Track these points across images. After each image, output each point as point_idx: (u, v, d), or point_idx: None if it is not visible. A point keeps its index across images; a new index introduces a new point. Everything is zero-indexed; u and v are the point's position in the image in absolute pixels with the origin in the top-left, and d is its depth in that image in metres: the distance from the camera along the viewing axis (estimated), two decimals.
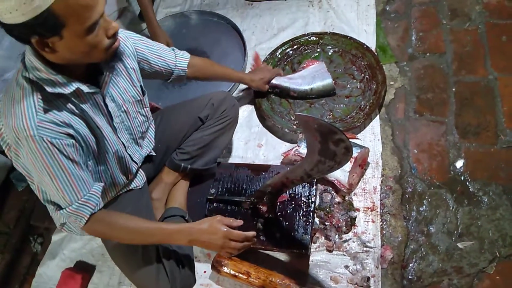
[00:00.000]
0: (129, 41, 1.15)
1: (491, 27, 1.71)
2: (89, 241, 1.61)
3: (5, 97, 0.92)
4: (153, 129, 1.35)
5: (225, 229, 1.07)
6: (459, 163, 1.45)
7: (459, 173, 1.43)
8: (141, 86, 1.18)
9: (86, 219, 0.99)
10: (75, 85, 0.92)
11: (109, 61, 1.01)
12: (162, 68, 1.26)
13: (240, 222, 1.11)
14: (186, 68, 1.31)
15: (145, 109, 1.21)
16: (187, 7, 2.32)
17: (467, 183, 1.40)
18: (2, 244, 1.76)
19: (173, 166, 1.41)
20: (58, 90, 0.89)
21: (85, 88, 0.95)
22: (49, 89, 0.88)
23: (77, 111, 0.96)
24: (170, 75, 1.30)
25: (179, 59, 1.30)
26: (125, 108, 1.11)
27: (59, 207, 0.98)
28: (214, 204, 1.47)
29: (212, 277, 1.41)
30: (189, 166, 1.41)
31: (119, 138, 1.12)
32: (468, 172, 1.42)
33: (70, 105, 0.94)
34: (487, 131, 1.48)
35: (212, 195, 1.47)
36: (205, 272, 1.42)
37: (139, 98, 1.17)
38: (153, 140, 1.34)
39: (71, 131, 0.93)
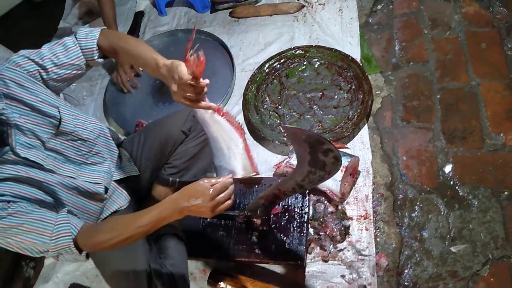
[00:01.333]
0: (18, 71, 1.00)
1: (471, 35, 1.77)
2: (82, 263, 1.59)
3: None
4: (110, 139, 1.30)
5: (207, 183, 0.95)
6: (448, 168, 1.47)
7: (448, 178, 1.45)
8: (58, 110, 1.08)
9: (73, 246, 0.97)
10: None
11: None
12: (72, 63, 1.09)
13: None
14: (94, 48, 1.10)
15: (72, 134, 1.12)
16: (174, 26, 2.35)
17: (457, 187, 1.43)
18: None
19: (162, 182, 1.42)
20: None
21: None
22: None
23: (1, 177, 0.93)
24: (85, 63, 1.13)
25: (84, 41, 1.10)
26: (48, 146, 1.05)
27: (46, 252, 0.98)
28: (208, 219, 1.47)
29: None
30: (177, 179, 1.41)
31: (61, 174, 1.07)
32: (457, 177, 1.45)
33: None
34: (473, 136, 1.52)
35: None
36: None
37: (57, 126, 1.07)
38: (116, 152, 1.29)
39: (4, 198, 0.91)
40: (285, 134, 1.65)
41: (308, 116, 1.71)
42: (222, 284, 1.32)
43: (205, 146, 1.40)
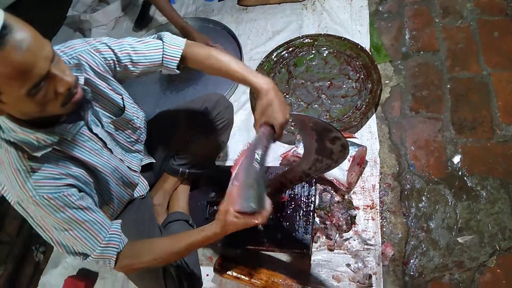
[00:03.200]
0: (96, 56, 1.01)
1: (483, 24, 1.73)
2: None
3: None
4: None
5: (230, 218, 0.90)
6: (456, 159, 1.46)
7: (457, 169, 1.44)
8: (122, 98, 1.10)
9: (114, 259, 0.95)
10: (56, 137, 0.87)
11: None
12: (149, 65, 1.10)
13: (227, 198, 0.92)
14: (176, 58, 1.10)
15: (130, 123, 1.14)
16: (182, 14, 2.34)
17: (465, 178, 1.41)
18: (5, 255, 1.77)
19: (172, 171, 1.42)
20: (41, 152, 0.84)
21: (68, 135, 0.90)
22: (31, 152, 0.83)
23: (68, 155, 0.92)
24: (160, 69, 1.15)
25: (169, 47, 1.10)
26: (110, 128, 1.07)
27: (85, 255, 0.94)
28: (215, 207, 1.48)
29: (215, 280, 1.41)
30: (187, 170, 1.42)
31: (115, 156, 1.09)
32: (466, 167, 1.43)
33: (59, 153, 0.89)
34: (483, 126, 1.50)
35: (212, 198, 1.48)
36: (207, 275, 1.42)
37: (119, 115, 1.10)
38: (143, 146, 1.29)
39: (69, 181, 0.89)
40: (293, 123, 1.65)
41: (316, 106, 1.70)
42: (228, 271, 1.34)
43: (215, 138, 1.40)
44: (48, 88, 0.76)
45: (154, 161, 1.35)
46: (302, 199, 1.42)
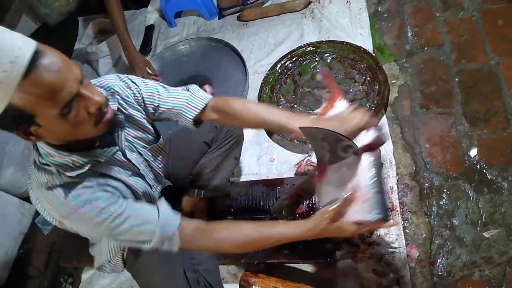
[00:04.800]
0: (127, 91, 1.05)
1: (485, 13, 1.72)
2: (118, 276, 1.64)
3: (33, 186, 0.91)
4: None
5: (326, 222, 0.90)
6: (473, 152, 1.44)
7: (475, 162, 1.42)
8: (153, 127, 1.14)
9: (177, 235, 0.96)
10: (90, 160, 0.91)
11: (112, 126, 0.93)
12: (173, 111, 1.11)
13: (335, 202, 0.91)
14: (198, 109, 1.11)
15: (164, 149, 1.19)
16: (184, 35, 2.39)
17: (484, 170, 1.39)
18: None
19: (188, 193, 1.44)
20: (76, 172, 0.88)
21: (102, 158, 0.94)
22: (68, 173, 0.87)
23: (102, 173, 0.96)
24: (177, 117, 1.14)
25: (195, 99, 1.11)
26: (147, 156, 1.11)
27: (148, 241, 0.95)
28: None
29: None
30: (203, 190, 1.43)
31: (147, 181, 1.12)
32: (484, 160, 1.41)
33: (94, 172, 0.93)
34: (496, 116, 1.47)
35: (230, 216, 1.49)
36: None
37: (154, 142, 1.13)
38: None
39: (107, 188, 0.93)
40: (303, 136, 1.65)
41: None
42: (253, 286, 1.33)
43: (227, 156, 1.42)
44: (79, 108, 0.80)
45: (171, 184, 1.37)
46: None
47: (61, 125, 0.79)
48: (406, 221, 1.38)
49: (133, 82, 1.08)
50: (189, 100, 1.11)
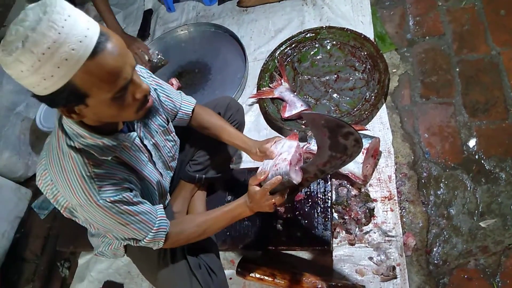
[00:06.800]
0: (147, 76, 1.12)
1: (488, 3, 1.70)
2: (115, 260, 1.64)
3: (52, 167, 0.90)
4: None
5: (257, 189, 1.03)
6: (472, 142, 1.44)
7: (473, 152, 1.42)
8: (164, 113, 1.17)
9: (163, 241, 1.04)
10: (119, 143, 0.93)
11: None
12: (168, 108, 1.19)
13: (265, 172, 1.04)
14: (190, 112, 1.25)
15: (171, 134, 1.20)
16: (183, 21, 2.35)
17: (482, 161, 1.39)
18: (31, 272, 1.81)
19: (188, 178, 1.43)
20: (109, 155, 0.90)
21: (128, 142, 0.97)
22: (99, 155, 0.88)
23: (124, 162, 0.97)
24: (174, 116, 1.24)
25: (184, 103, 1.24)
26: (153, 141, 1.12)
27: (136, 240, 1.02)
28: None
29: (238, 283, 1.42)
30: (203, 176, 1.43)
31: (158, 169, 1.14)
32: (482, 150, 1.41)
33: (117, 159, 0.95)
34: (496, 107, 1.47)
35: (229, 202, 1.49)
36: (231, 278, 1.43)
37: (165, 126, 1.16)
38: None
39: (126, 184, 0.95)
40: (303, 122, 1.64)
41: (325, 101, 1.69)
42: (250, 273, 1.34)
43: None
44: (128, 93, 0.81)
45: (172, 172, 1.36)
46: (319, 195, 1.42)
47: (108, 108, 0.80)
48: (404, 210, 1.39)
49: (143, 69, 1.11)
50: (183, 97, 1.24)
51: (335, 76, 1.74)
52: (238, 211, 1.09)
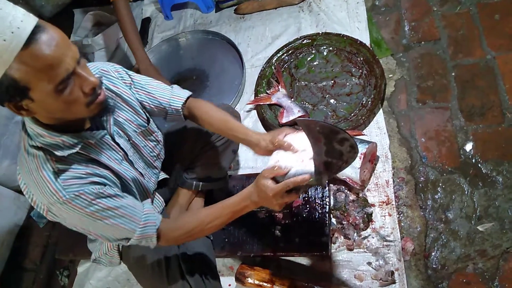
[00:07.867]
0: (123, 73, 1.11)
1: (483, 8, 1.72)
2: (114, 268, 1.64)
3: (22, 170, 0.91)
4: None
5: (271, 184, 0.95)
6: (469, 146, 1.44)
7: (470, 156, 1.42)
8: (145, 113, 1.16)
9: (155, 236, 1.00)
10: (81, 141, 0.92)
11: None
12: (152, 106, 1.17)
13: (286, 167, 0.96)
14: (179, 108, 1.19)
15: (153, 134, 1.19)
16: (181, 28, 2.37)
17: (479, 165, 1.40)
18: (31, 281, 1.80)
19: (186, 186, 1.44)
20: (67, 152, 0.89)
21: (92, 139, 0.95)
22: (58, 153, 0.88)
23: (93, 158, 0.96)
24: (164, 114, 1.21)
25: (174, 98, 1.19)
26: (132, 141, 1.11)
27: (127, 239, 0.99)
28: None
29: None
30: (200, 183, 1.43)
31: (136, 169, 1.12)
32: (479, 154, 1.42)
33: (84, 156, 0.94)
34: (492, 111, 1.48)
35: None
36: (229, 285, 1.43)
37: (145, 127, 1.15)
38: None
39: (96, 179, 0.93)
40: (299, 128, 1.65)
41: (322, 106, 1.70)
42: (249, 279, 1.34)
43: (225, 149, 1.42)
44: (74, 87, 0.81)
45: (168, 177, 1.36)
46: (317, 201, 1.42)
47: (54, 102, 0.80)
48: (402, 215, 1.39)
49: (122, 69, 1.12)
50: (173, 92, 1.20)
51: (332, 81, 1.75)
52: (242, 205, 1.02)
